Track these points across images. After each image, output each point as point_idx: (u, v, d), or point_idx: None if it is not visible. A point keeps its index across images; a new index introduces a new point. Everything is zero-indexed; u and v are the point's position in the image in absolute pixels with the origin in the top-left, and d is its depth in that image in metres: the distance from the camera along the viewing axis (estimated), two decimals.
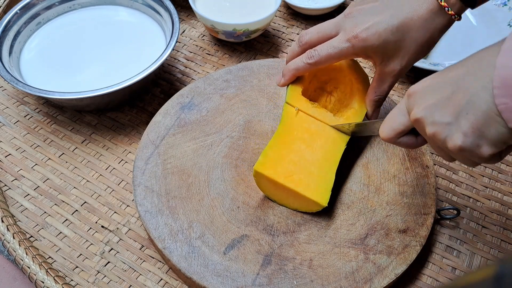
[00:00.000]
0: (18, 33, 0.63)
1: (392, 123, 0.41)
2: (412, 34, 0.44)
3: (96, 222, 0.52)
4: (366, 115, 0.52)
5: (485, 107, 0.32)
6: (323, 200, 0.46)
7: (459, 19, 0.45)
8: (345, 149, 0.50)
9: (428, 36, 0.45)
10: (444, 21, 0.44)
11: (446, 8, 0.43)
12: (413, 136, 0.41)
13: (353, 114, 0.51)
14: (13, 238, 0.49)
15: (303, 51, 0.50)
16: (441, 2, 0.43)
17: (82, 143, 0.59)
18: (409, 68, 0.48)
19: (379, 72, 0.48)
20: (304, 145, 0.49)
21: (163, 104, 0.58)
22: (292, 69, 0.50)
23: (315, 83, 0.55)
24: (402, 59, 0.46)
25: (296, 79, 0.51)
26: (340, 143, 0.50)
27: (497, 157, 0.35)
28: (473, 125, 0.33)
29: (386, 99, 0.59)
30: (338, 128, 0.51)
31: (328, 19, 0.79)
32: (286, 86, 0.52)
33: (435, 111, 0.35)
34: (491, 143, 0.33)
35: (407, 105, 0.39)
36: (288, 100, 0.51)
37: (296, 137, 0.49)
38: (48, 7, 0.66)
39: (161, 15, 0.65)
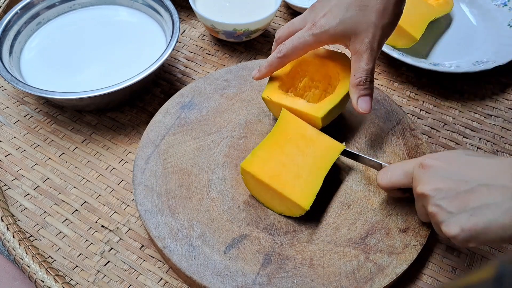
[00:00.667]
0: (18, 33, 0.63)
1: (392, 177, 0.45)
2: (368, 3, 0.46)
3: (96, 222, 0.52)
4: (352, 104, 0.49)
5: (491, 218, 0.37)
6: (306, 203, 0.45)
7: None
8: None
9: (383, 6, 0.46)
10: None
11: None
12: (402, 192, 0.47)
13: (328, 100, 0.51)
14: (13, 237, 0.49)
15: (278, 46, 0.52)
16: None
17: (82, 143, 0.59)
18: (380, 41, 0.48)
19: (352, 53, 0.48)
20: (296, 149, 0.49)
21: (163, 104, 0.58)
22: (267, 65, 0.52)
23: (308, 82, 0.55)
24: (367, 31, 0.47)
25: (275, 77, 0.53)
26: (333, 152, 0.49)
27: None
28: (473, 227, 0.38)
29: (387, 98, 0.59)
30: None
31: None
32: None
33: (443, 198, 0.40)
34: (478, 243, 0.38)
35: (416, 174, 0.43)
36: (264, 95, 0.52)
37: (289, 140, 0.49)
38: (49, 7, 0.66)
39: (161, 15, 0.65)
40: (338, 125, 0.56)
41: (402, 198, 0.49)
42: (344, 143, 0.50)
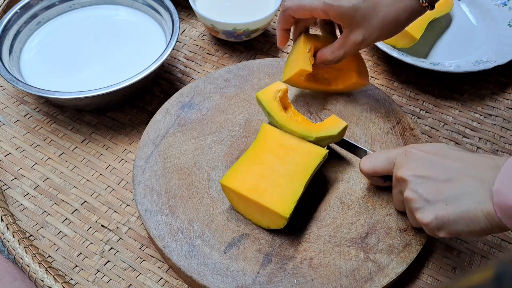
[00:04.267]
0: (18, 33, 0.63)
1: (375, 163, 0.46)
2: (381, 8, 0.47)
3: (96, 221, 0.52)
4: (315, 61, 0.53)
5: (464, 209, 0.37)
6: (285, 211, 0.43)
7: (431, 8, 0.46)
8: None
9: (394, 14, 0.47)
10: (413, 4, 0.46)
11: None
12: (383, 180, 0.48)
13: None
14: (13, 237, 0.49)
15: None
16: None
17: (82, 142, 0.59)
18: (369, 45, 0.50)
19: (343, 37, 0.50)
20: (276, 158, 0.47)
21: (163, 104, 0.58)
22: (277, 26, 0.54)
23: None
24: (366, 30, 0.48)
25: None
26: (314, 156, 0.47)
27: None
28: (447, 215, 0.38)
29: (386, 98, 0.59)
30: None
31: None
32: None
33: (421, 183, 0.40)
34: (450, 233, 0.39)
35: (399, 160, 0.43)
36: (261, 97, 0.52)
37: (268, 151, 0.48)
38: (48, 7, 0.66)
39: (161, 15, 0.65)
40: None
41: (382, 186, 0.49)
42: (325, 147, 0.49)
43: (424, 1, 0.46)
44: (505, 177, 0.36)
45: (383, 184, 0.48)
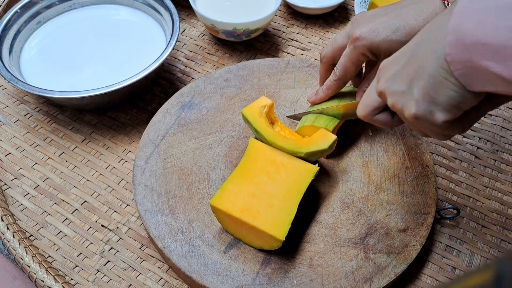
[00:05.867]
0: (18, 32, 0.63)
1: (366, 99, 0.41)
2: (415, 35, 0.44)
3: (96, 221, 0.52)
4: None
5: (432, 71, 0.31)
6: (280, 234, 0.42)
7: None
8: (345, 149, 0.50)
9: None
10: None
11: None
12: (389, 114, 0.41)
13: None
14: (13, 237, 0.49)
15: (325, 66, 0.52)
16: (447, 5, 0.42)
17: (82, 142, 0.59)
18: None
19: (379, 67, 0.48)
20: (267, 177, 0.46)
21: (163, 104, 0.58)
22: (325, 88, 0.52)
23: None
24: None
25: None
26: (306, 174, 0.46)
27: (457, 125, 0.34)
28: (423, 91, 0.32)
29: None
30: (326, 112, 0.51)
31: (329, 19, 0.79)
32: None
33: (393, 82, 0.35)
34: (443, 109, 0.32)
35: (377, 80, 0.39)
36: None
37: (259, 169, 0.47)
38: (48, 6, 0.66)
39: (161, 15, 0.65)
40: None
41: (394, 123, 0.42)
42: (317, 164, 0.48)
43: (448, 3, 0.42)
44: (458, 12, 0.29)
45: (393, 121, 0.41)
